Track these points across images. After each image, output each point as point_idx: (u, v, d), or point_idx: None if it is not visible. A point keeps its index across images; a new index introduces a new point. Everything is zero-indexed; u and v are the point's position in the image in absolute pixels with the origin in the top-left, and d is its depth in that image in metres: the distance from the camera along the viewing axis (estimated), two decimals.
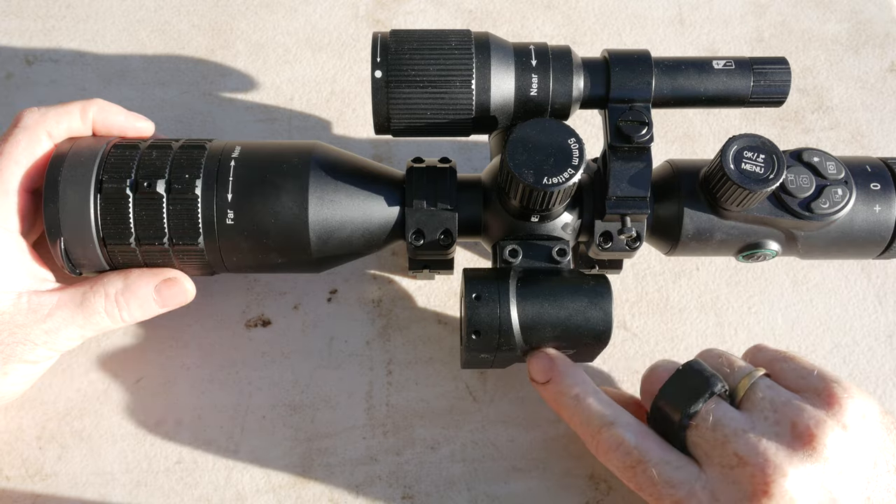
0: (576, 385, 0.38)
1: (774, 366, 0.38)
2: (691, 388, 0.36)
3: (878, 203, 0.40)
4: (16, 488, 0.43)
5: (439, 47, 0.38)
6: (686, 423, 0.36)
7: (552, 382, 0.39)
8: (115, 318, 0.40)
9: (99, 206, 0.38)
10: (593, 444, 0.37)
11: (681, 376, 0.37)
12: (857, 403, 0.35)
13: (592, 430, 0.37)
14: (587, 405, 0.38)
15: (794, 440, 0.34)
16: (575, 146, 0.37)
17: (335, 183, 0.40)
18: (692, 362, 0.38)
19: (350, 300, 0.48)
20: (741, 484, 0.33)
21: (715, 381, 0.36)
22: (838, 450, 0.33)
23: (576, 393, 0.38)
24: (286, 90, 0.54)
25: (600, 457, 0.37)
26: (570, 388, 0.38)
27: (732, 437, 0.34)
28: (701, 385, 0.36)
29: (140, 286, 0.40)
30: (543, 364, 0.39)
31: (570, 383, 0.38)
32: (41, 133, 0.40)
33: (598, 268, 0.46)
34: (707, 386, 0.36)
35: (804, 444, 0.33)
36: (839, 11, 0.59)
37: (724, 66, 0.40)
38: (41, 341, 0.39)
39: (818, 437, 0.33)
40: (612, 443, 0.36)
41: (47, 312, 0.39)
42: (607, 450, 0.36)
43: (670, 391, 0.37)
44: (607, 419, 0.37)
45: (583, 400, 0.38)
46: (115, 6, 0.57)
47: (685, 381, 0.37)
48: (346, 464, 0.44)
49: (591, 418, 0.37)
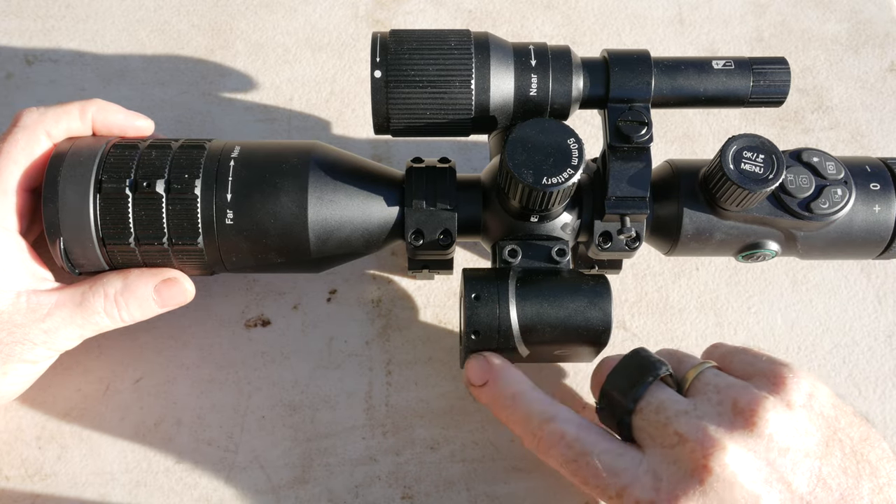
0: (513, 384, 0.38)
1: (726, 359, 0.38)
2: (636, 373, 0.36)
3: (878, 203, 0.40)
4: (16, 488, 0.43)
5: (439, 47, 0.38)
6: (631, 406, 0.36)
7: (490, 384, 0.38)
8: (114, 317, 0.40)
9: (98, 205, 0.38)
10: (534, 442, 0.37)
11: (626, 362, 0.37)
12: (803, 384, 0.35)
13: (533, 426, 0.37)
14: (526, 403, 0.37)
15: (734, 417, 0.33)
16: (574, 146, 0.37)
17: (334, 183, 0.40)
18: (638, 349, 0.38)
19: (350, 300, 0.48)
20: (682, 462, 0.33)
21: (659, 365, 0.36)
22: (782, 427, 0.33)
23: (513, 392, 0.38)
24: (286, 90, 0.54)
25: (541, 453, 0.37)
26: (508, 387, 0.38)
27: (674, 418, 0.34)
28: (646, 368, 0.36)
29: (139, 286, 0.40)
30: (480, 365, 0.39)
31: (506, 383, 0.38)
32: (40, 132, 0.40)
33: (597, 268, 0.46)
34: (652, 369, 0.36)
35: (745, 420, 0.33)
36: (839, 11, 0.59)
37: (724, 66, 0.40)
38: (40, 341, 0.39)
39: (759, 414, 0.33)
40: (553, 437, 0.36)
41: (46, 312, 0.39)
42: (549, 445, 0.36)
43: (617, 378, 0.37)
44: (547, 414, 0.37)
45: (521, 398, 0.38)
46: (115, 6, 0.57)
47: (631, 366, 0.37)
48: (345, 464, 0.44)
49: (531, 415, 0.37)
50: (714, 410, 0.34)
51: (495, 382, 0.38)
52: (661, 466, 0.33)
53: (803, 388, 0.35)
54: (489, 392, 0.39)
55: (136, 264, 0.40)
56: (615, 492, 0.34)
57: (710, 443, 0.32)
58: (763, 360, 0.36)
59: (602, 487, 0.35)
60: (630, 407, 0.36)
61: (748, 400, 0.34)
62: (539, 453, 0.37)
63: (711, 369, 0.37)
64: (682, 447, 0.33)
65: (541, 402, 0.37)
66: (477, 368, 0.39)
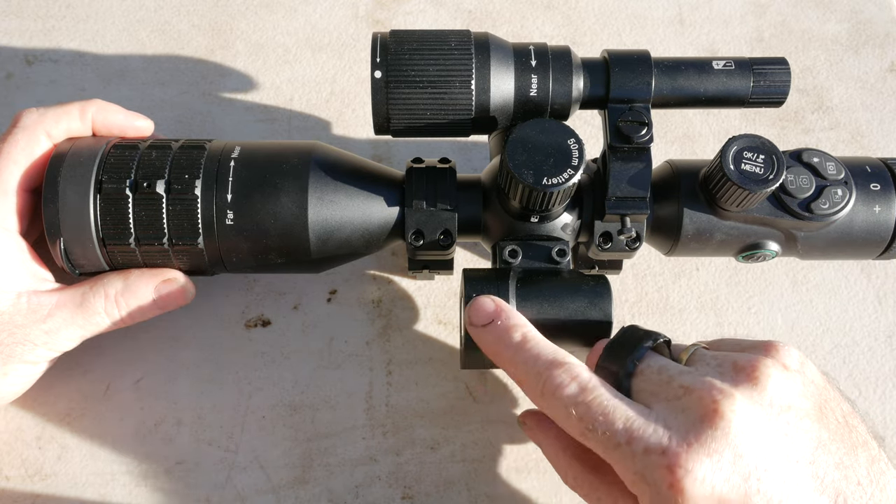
0: (521, 325, 0.37)
1: (715, 344, 0.38)
2: (634, 339, 0.36)
3: (878, 204, 0.40)
4: (16, 488, 0.43)
5: (439, 47, 0.38)
6: (632, 368, 0.35)
7: (494, 323, 0.37)
8: (114, 318, 0.40)
9: (98, 206, 0.38)
10: (538, 384, 0.35)
11: (622, 334, 0.37)
12: (794, 353, 0.35)
13: (540, 366, 0.35)
14: (534, 344, 0.36)
15: (736, 374, 0.33)
16: (574, 146, 0.37)
17: (335, 183, 0.40)
18: (630, 325, 0.37)
19: (350, 300, 0.48)
20: (690, 410, 0.32)
21: (657, 334, 0.36)
22: (781, 386, 0.33)
23: (522, 333, 0.36)
24: (286, 90, 0.54)
25: (545, 396, 0.35)
26: (515, 328, 0.37)
27: (677, 375, 0.34)
28: (642, 336, 0.36)
29: (140, 286, 0.40)
30: (485, 305, 0.37)
31: (515, 323, 0.37)
32: (40, 133, 0.40)
33: (597, 268, 0.46)
34: (648, 335, 0.36)
35: (747, 375, 0.33)
36: (839, 11, 0.59)
37: (724, 67, 0.40)
38: (41, 342, 0.39)
39: (760, 370, 0.33)
40: (565, 377, 0.34)
41: (47, 313, 0.39)
42: (556, 386, 0.34)
43: (614, 347, 0.36)
44: (558, 356, 0.35)
45: (528, 339, 0.36)
46: (115, 6, 0.57)
47: (627, 336, 0.37)
48: (345, 464, 0.44)
49: (539, 356, 0.35)
50: (715, 371, 0.34)
51: (502, 322, 0.37)
52: (669, 416, 0.32)
53: (795, 356, 0.35)
54: (493, 332, 0.37)
55: (137, 265, 0.40)
56: (624, 438, 0.32)
57: (716, 391, 0.32)
58: (751, 341, 0.36)
59: (608, 434, 0.33)
60: (630, 369, 0.35)
61: (747, 359, 0.34)
62: (542, 397, 0.35)
63: (704, 348, 0.37)
64: (688, 397, 0.33)
65: (548, 345, 0.36)
66: (482, 307, 0.37)
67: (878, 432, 0.46)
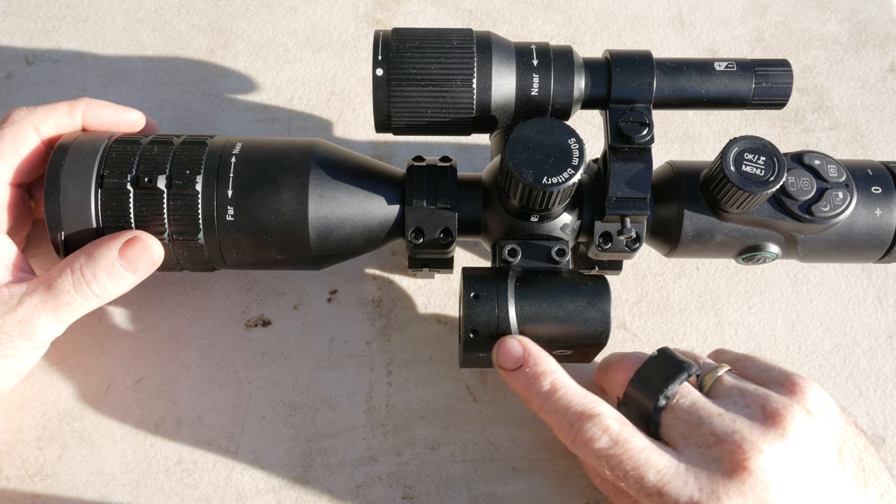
0: (551, 372, 0.37)
1: (737, 364, 0.39)
2: (667, 371, 0.37)
3: (879, 207, 0.40)
4: (16, 488, 0.42)
5: (441, 46, 0.38)
6: (663, 404, 0.36)
7: (524, 368, 0.37)
8: (85, 293, 0.38)
9: (100, 200, 0.38)
10: (571, 433, 0.36)
11: (655, 361, 0.37)
12: (817, 393, 0.36)
13: (571, 417, 0.36)
14: (564, 392, 0.36)
15: (765, 420, 0.34)
16: (575, 146, 0.37)
17: (335, 180, 0.40)
18: (664, 349, 0.38)
19: (350, 300, 0.48)
20: (720, 462, 0.34)
21: (690, 365, 0.37)
22: (805, 433, 0.34)
23: (551, 380, 0.37)
24: (286, 90, 0.54)
25: (578, 445, 0.35)
26: (545, 375, 0.37)
27: (707, 419, 0.35)
28: (676, 367, 0.37)
29: (102, 253, 0.38)
30: (513, 348, 0.37)
31: (544, 370, 0.37)
32: (28, 128, 0.40)
33: (597, 268, 0.46)
34: (682, 368, 0.37)
35: (775, 423, 0.34)
36: (839, 11, 0.59)
37: (726, 68, 0.40)
38: (16, 333, 0.38)
39: (786, 419, 0.34)
40: (597, 429, 0.35)
41: (17, 301, 0.38)
42: (589, 439, 0.35)
43: (645, 375, 0.37)
44: (588, 406, 0.36)
45: (559, 387, 0.36)
46: (115, 6, 0.57)
47: (660, 365, 0.37)
48: (346, 464, 0.44)
49: (570, 405, 0.36)
50: (744, 412, 0.35)
51: (531, 367, 0.37)
52: (699, 466, 0.34)
53: (819, 398, 0.36)
54: (522, 378, 0.37)
55: None
56: (655, 489, 0.34)
57: (747, 445, 0.34)
58: (776, 370, 0.37)
59: (640, 483, 0.34)
60: (661, 404, 0.36)
61: (775, 405, 0.35)
62: (574, 445, 0.36)
63: (730, 372, 0.38)
64: (719, 447, 0.34)
65: (578, 392, 0.37)
66: (511, 351, 0.38)
67: (878, 433, 0.46)
